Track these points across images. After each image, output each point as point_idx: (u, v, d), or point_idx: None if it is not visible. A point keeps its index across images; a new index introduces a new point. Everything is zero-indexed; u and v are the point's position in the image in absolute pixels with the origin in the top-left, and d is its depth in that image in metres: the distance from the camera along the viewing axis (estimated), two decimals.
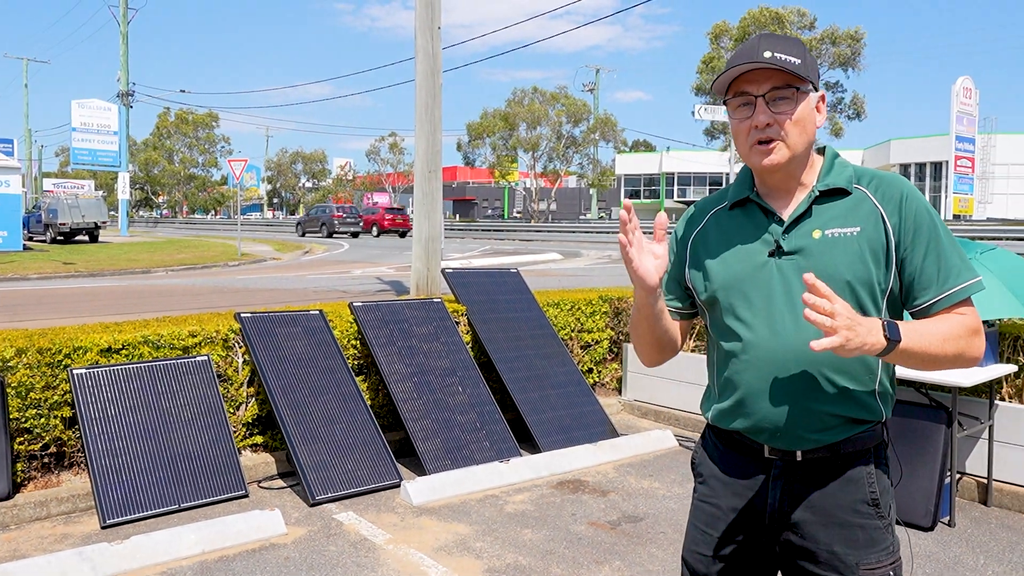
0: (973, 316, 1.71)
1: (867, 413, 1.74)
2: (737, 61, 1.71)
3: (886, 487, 1.79)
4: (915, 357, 1.62)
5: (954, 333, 1.66)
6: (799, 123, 1.72)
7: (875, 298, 1.71)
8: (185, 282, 17.25)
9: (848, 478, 1.75)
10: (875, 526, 1.75)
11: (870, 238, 1.71)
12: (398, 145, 64.97)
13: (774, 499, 1.79)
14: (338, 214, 39.18)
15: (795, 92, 1.71)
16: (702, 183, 60.38)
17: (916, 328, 1.62)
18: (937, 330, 1.64)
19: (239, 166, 25.57)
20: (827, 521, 1.75)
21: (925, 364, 1.65)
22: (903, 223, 1.70)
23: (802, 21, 37.93)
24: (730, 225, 1.85)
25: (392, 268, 20.43)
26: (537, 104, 48.20)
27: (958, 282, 1.68)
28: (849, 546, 1.74)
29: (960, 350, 1.66)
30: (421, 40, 9.71)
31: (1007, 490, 4.65)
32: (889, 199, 1.72)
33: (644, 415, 6.75)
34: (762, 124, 1.70)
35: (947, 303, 1.68)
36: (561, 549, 4.12)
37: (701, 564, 1.90)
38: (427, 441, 5.25)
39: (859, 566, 1.73)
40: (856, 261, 1.69)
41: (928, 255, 1.69)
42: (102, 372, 4.64)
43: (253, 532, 4.13)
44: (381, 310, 5.85)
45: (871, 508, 1.75)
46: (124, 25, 42.62)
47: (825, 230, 1.73)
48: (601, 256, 27.02)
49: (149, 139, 70.64)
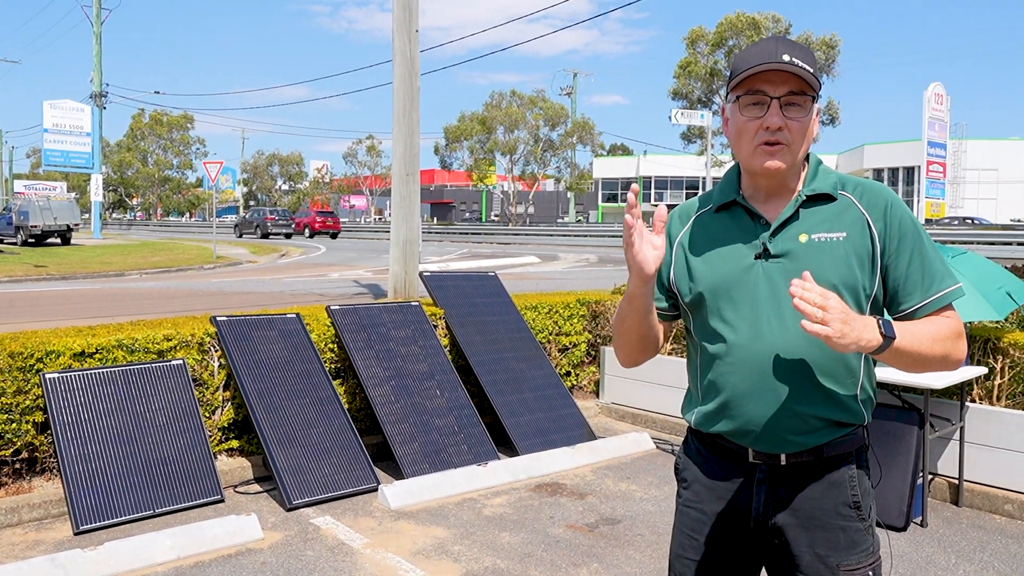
0: (956, 320, 1.75)
1: (850, 416, 1.76)
2: (756, 60, 1.70)
3: (867, 489, 1.82)
4: (906, 356, 1.65)
5: (942, 335, 1.71)
6: (806, 130, 1.74)
7: (859, 302, 1.74)
8: (159, 285, 17.08)
9: (831, 481, 1.78)
10: (856, 528, 1.78)
11: (856, 244, 1.73)
12: (375, 148, 64.80)
13: (759, 503, 1.80)
14: (271, 216, 41.92)
15: (808, 100, 1.72)
16: (679, 187, 60.72)
17: (908, 328, 1.66)
18: (927, 331, 1.69)
19: (215, 168, 25.35)
20: (810, 524, 1.77)
21: (914, 364, 1.69)
22: (888, 230, 1.73)
23: (777, 27, 38.29)
24: (716, 228, 1.85)
25: (369, 271, 20.37)
26: (515, 107, 48.26)
27: (941, 287, 1.73)
28: (831, 548, 1.76)
29: (946, 352, 1.71)
30: (399, 43, 9.70)
31: (978, 490, 4.72)
32: (875, 206, 1.75)
33: (622, 418, 6.78)
34: (774, 126, 1.71)
35: (931, 308, 1.73)
36: (539, 552, 4.12)
37: (688, 569, 1.91)
38: (405, 445, 5.23)
39: (840, 567, 1.76)
40: (842, 265, 1.72)
41: (912, 261, 1.73)
42: (75, 376, 4.58)
43: (229, 537, 4.09)
44: (359, 313, 5.83)
45: (853, 511, 1.78)
46: (97, 25, 42.14)
47: (812, 234, 1.75)
48: (579, 259, 27.09)
49: (123, 141, 69.86)
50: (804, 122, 1.72)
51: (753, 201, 1.82)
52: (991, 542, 4.28)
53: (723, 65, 39.17)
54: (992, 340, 5.00)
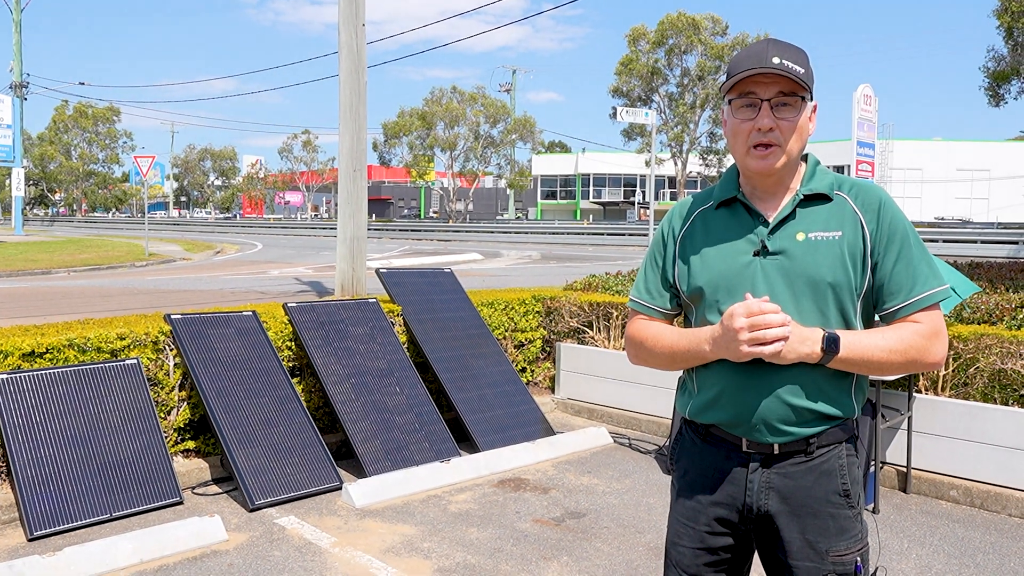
0: (934, 321, 1.79)
1: (840, 409, 1.83)
2: (746, 64, 1.76)
3: (856, 478, 1.88)
4: (857, 366, 1.75)
5: (905, 342, 1.75)
6: (798, 130, 1.79)
7: (853, 300, 1.81)
8: (91, 283, 16.52)
9: (822, 471, 1.84)
10: (846, 515, 1.85)
11: (850, 243, 1.79)
12: (312, 143, 63.75)
13: (751, 492, 1.86)
14: None
15: (799, 100, 1.78)
16: (617, 184, 61.48)
17: (860, 339, 1.73)
18: (883, 341, 1.75)
19: (146, 162, 24.63)
20: (801, 511, 1.83)
21: (873, 371, 1.77)
22: (879, 229, 1.79)
23: (716, 27, 39.05)
24: (716, 224, 1.91)
25: (311, 268, 20.08)
26: (455, 103, 48.10)
27: (924, 289, 1.78)
28: (821, 534, 1.83)
29: (911, 358, 1.76)
30: (345, 36, 9.56)
31: (925, 477, 4.92)
32: (868, 206, 1.81)
33: (577, 413, 6.85)
34: (765, 128, 1.77)
35: (912, 309, 1.78)
36: (508, 547, 4.14)
37: (684, 557, 1.96)
38: (367, 443, 5.19)
39: (829, 553, 1.83)
40: (837, 264, 1.78)
41: (899, 262, 1.78)
42: (25, 377, 4.41)
43: (192, 539, 4.00)
44: (316, 311, 5.75)
45: (843, 498, 1.84)
46: (17, 12, 40.49)
47: (808, 233, 1.80)
48: (521, 256, 27.21)
49: (45, 133, 67.21)
50: (795, 122, 1.78)
51: (752, 199, 1.88)
52: (939, 527, 4.47)
53: (663, 64, 39.75)
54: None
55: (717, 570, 1.94)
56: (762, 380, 1.78)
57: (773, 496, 1.84)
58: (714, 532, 1.92)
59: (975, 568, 3.94)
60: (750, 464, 1.85)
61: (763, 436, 1.82)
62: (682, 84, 40.10)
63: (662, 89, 40.63)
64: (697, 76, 39.21)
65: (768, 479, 1.84)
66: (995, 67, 14.12)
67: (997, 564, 3.99)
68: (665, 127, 40.20)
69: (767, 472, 1.84)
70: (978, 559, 4.04)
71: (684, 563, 1.96)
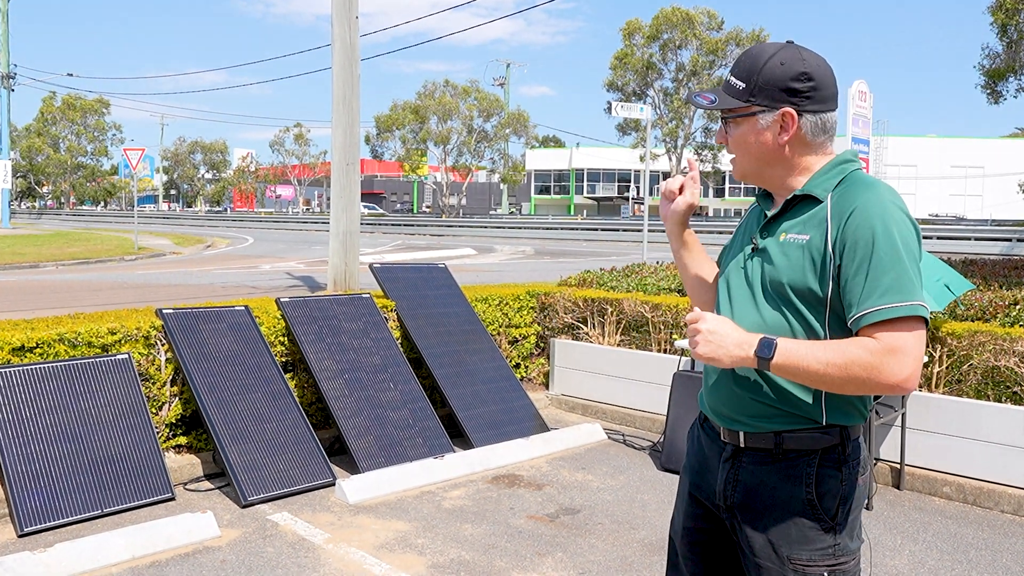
0: (895, 338, 1.63)
1: (800, 410, 1.77)
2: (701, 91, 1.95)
3: (836, 492, 1.78)
4: (797, 376, 1.69)
5: (847, 356, 1.64)
6: (739, 145, 1.87)
7: (813, 306, 1.74)
8: (80, 277, 16.43)
9: (787, 474, 1.79)
10: (810, 525, 1.78)
11: (814, 247, 1.74)
12: (303, 136, 63.47)
13: (722, 482, 1.89)
14: None
15: (740, 118, 1.84)
16: (611, 179, 61.49)
17: (799, 349, 1.67)
18: (823, 354, 1.65)
19: (136, 155, 24.49)
20: (764, 510, 1.82)
21: (817, 384, 1.70)
22: (840, 236, 1.71)
23: (711, 22, 39.06)
24: (748, 219, 2.01)
25: (302, 263, 20.01)
26: (449, 97, 47.98)
27: (879, 303, 1.64)
28: (781, 537, 1.80)
29: (854, 374, 1.63)
30: (338, 29, 9.51)
31: (918, 474, 4.93)
32: (838, 212, 1.74)
33: (572, 409, 6.84)
34: (718, 144, 1.91)
35: (863, 323, 1.66)
36: (503, 543, 4.13)
37: (677, 536, 2.06)
38: (360, 439, 5.16)
39: (790, 560, 1.79)
40: (796, 268, 1.76)
41: (858, 273, 1.67)
42: (15, 372, 4.36)
43: (185, 536, 3.97)
44: (309, 306, 5.72)
45: (807, 507, 1.78)
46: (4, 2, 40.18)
47: (788, 234, 1.81)
48: (515, 251, 27.19)
49: (32, 125, 66.68)
50: (737, 135, 1.86)
51: (768, 197, 1.95)
52: (932, 523, 4.48)
53: (658, 58, 39.72)
54: (931, 330, 5.23)
55: (693, 552, 2.01)
56: (730, 372, 1.85)
57: (740, 489, 1.85)
58: (694, 515, 2.00)
59: (968, 564, 3.96)
60: (722, 454, 1.90)
61: (731, 425, 1.86)
62: (677, 79, 40.08)
63: (657, 84, 40.61)
64: (692, 71, 39.19)
65: (736, 471, 1.86)
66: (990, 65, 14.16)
67: (989, 560, 4.00)
68: (660, 122, 40.19)
69: (735, 464, 1.87)
70: (971, 555, 4.06)
71: (676, 536, 2.07)
